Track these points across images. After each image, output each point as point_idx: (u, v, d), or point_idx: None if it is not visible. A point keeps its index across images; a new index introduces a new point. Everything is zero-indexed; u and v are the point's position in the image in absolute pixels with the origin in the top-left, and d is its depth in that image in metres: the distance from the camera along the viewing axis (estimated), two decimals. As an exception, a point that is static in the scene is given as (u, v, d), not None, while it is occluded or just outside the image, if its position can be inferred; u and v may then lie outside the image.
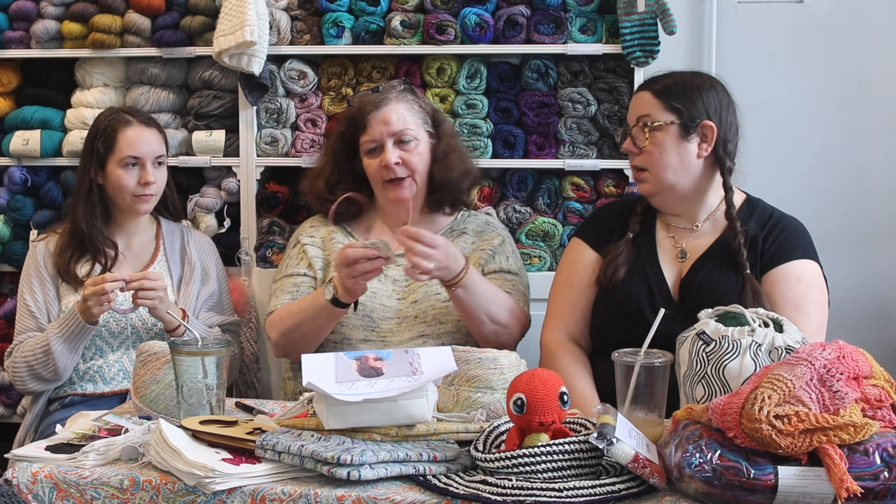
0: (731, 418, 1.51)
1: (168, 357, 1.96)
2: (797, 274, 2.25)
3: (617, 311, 2.30)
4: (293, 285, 2.55)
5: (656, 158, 2.28)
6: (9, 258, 3.31)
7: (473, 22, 3.08)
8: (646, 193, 2.36)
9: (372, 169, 2.52)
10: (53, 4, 3.26)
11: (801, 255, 2.28)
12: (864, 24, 3.23)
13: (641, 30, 3.03)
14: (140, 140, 2.69)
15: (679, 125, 2.27)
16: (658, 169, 2.29)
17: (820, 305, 2.26)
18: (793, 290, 2.23)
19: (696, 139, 2.28)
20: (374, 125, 2.50)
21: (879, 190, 3.26)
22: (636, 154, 2.32)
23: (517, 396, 1.61)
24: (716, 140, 2.28)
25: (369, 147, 2.52)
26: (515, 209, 3.15)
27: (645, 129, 2.28)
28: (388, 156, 2.48)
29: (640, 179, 2.34)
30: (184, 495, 1.64)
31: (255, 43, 3.02)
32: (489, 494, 1.54)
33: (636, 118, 2.31)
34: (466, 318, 2.40)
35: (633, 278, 2.32)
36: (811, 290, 2.25)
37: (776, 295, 2.22)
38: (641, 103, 2.32)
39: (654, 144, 2.28)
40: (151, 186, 2.69)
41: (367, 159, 2.53)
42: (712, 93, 2.31)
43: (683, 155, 2.28)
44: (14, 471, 1.71)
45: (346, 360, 1.79)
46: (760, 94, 3.21)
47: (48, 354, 2.57)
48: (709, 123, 2.28)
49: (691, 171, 2.30)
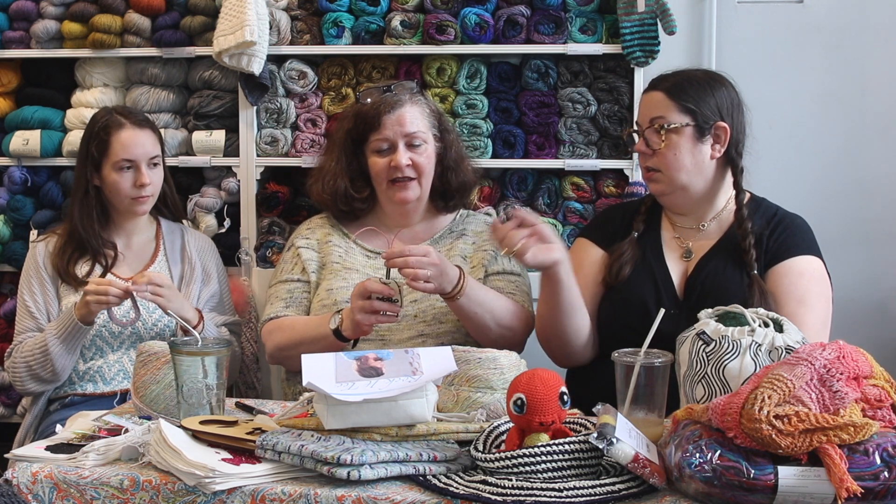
0: (731, 418, 1.51)
1: (168, 357, 1.96)
2: (800, 269, 2.25)
3: (622, 309, 2.30)
4: (287, 292, 2.55)
5: (671, 160, 2.27)
6: (9, 258, 3.32)
7: (473, 22, 3.08)
8: (657, 193, 2.35)
9: (379, 168, 2.52)
10: (53, 4, 3.26)
11: (804, 252, 2.28)
12: (864, 24, 3.22)
13: (641, 30, 3.03)
14: (133, 142, 2.68)
15: (694, 127, 2.26)
16: (672, 171, 2.28)
17: (823, 300, 2.26)
18: (795, 284, 2.23)
19: (709, 140, 2.28)
20: (388, 125, 2.50)
21: (879, 190, 3.26)
22: (649, 155, 2.30)
23: (517, 396, 1.61)
24: (728, 141, 2.28)
25: (380, 146, 2.52)
26: (515, 209, 3.15)
27: (661, 131, 2.26)
28: (400, 157, 2.48)
29: (651, 179, 2.33)
30: (184, 495, 1.64)
31: (255, 43, 3.02)
32: (489, 494, 1.54)
33: (649, 119, 2.29)
34: (473, 326, 2.39)
35: (639, 276, 2.32)
36: (814, 284, 2.25)
37: (779, 290, 2.22)
38: (654, 104, 2.30)
39: (669, 146, 2.26)
40: (147, 188, 2.69)
41: (376, 158, 2.53)
42: (724, 92, 2.31)
43: (697, 157, 2.28)
44: (14, 471, 1.70)
45: (346, 360, 1.79)
46: (760, 94, 3.20)
47: (46, 355, 2.57)
48: (722, 125, 2.27)
49: (704, 173, 2.30)
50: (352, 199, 2.58)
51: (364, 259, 2.57)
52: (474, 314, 2.35)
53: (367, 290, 2.24)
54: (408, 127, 2.50)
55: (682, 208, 2.36)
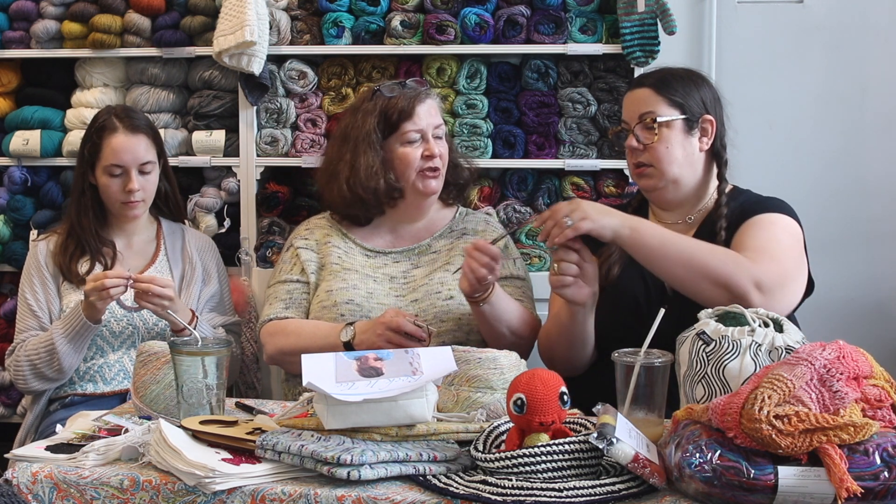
0: (731, 418, 1.51)
1: (168, 357, 1.96)
2: (769, 220, 2.23)
3: (616, 308, 2.31)
4: (287, 293, 2.55)
5: (663, 154, 2.29)
6: (9, 258, 3.32)
7: (473, 22, 3.08)
8: (649, 189, 2.36)
9: (412, 157, 2.51)
10: (53, 4, 3.26)
11: (771, 211, 2.26)
12: (864, 24, 3.22)
13: (641, 30, 3.03)
14: (123, 148, 2.67)
15: (683, 120, 2.29)
16: (665, 164, 2.29)
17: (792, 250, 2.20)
18: (761, 230, 2.20)
19: (697, 133, 2.31)
20: (421, 115, 2.51)
21: (879, 190, 3.26)
22: (640, 151, 2.31)
23: (517, 396, 1.61)
24: (714, 134, 2.32)
25: (412, 137, 2.51)
26: (515, 209, 3.15)
27: (654, 125, 2.28)
28: (434, 146, 2.51)
29: (643, 175, 2.33)
30: (184, 495, 1.64)
31: (255, 43, 3.02)
32: (489, 494, 1.54)
33: (638, 115, 2.31)
34: (488, 331, 2.39)
35: (629, 274, 2.33)
36: (781, 234, 2.21)
37: (744, 238, 2.19)
38: (642, 100, 2.32)
39: (661, 140, 2.28)
40: (136, 194, 2.68)
41: (406, 148, 2.51)
42: (705, 87, 2.35)
43: (688, 149, 2.30)
44: (14, 471, 1.71)
45: (346, 360, 1.79)
46: (760, 94, 3.21)
47: (52, 353, 2.56)
48: (708, 117, 2.31)
49: (694, 165, 2.32)
50: (391, 190, 2.52)
51: (364, 259, 2.57)
52: (493, 321, 2.35)
53: (400, 327, 2.24)
54: (435, 118, 2.54)
55: (671, 203, 2.37)
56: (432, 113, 2.54)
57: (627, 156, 2.38)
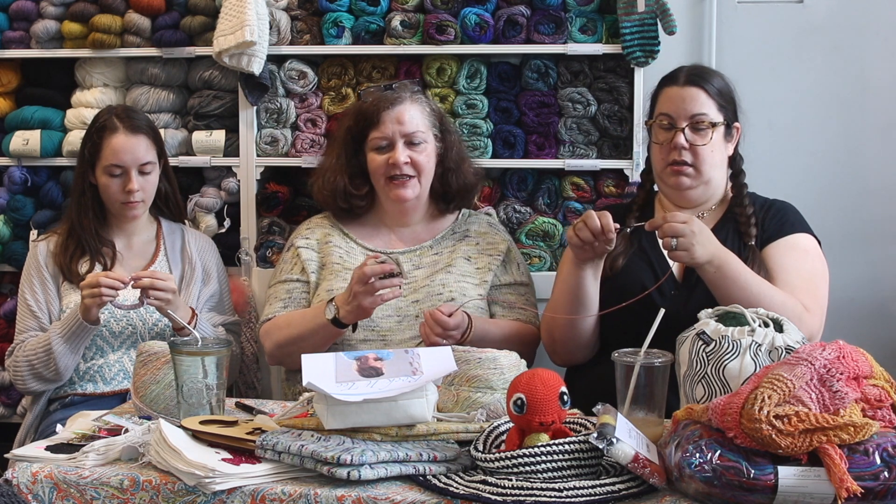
0: (731, 418, 1.51)
1: (168, 357, 1.96)
2: (804, 246, 2.33)
3: (622, 296, 2.29)
4: (286, 292, 2.56)
5: (708, 157, 2.35)
6: (9, 258, 3.31)
7: (473, 22, 3.08)
8: (681, 187, 2.38)
9: (376, 165, 2.53)
10: (53, 4, 3.26)
11: (801, 230, 2.36)
12: (864, 24, 3.22)
13: (641, 30, 3.03)
14: (122, 149, 2.67)
15: (724, 126, 2.36)
16: (707, 167, 2.35)
17: (825, 281, 2.33)
18: (801, 260, 2.29)
19: (729, 139, 2.40)
20: (387, 122, 2.52)
21: (879, 190, 3.26)
22: (685, 150, 2.34)
23: (517, 396, 1.61)
24: (738, 140, 2.42)
25: (378, 143, 2.53)
26: (515, 209, 3.15)
27: (711, 127, 2.33)
28: (398, 154, 2.50)
29: (682, 173, 2.36)
30: (184, 495, 1.64)
31: (255, 43, 3.02)
32: (489, 494, 1.54)
33: (690, 115, 2.34)
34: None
35: (635, 263, 2.36)
36: (818, 263, 2.32)
37: (785, 263, 2.27)
38: (696, 100, 2.35)
39: (709, 144, 2.34)
40: (136, 194, 2.68)
41: (374, 155, 2.54)
42: (736, 93, 2.43)
43: (724, 154, 2.40)
44: (14, 471, 1.71)
45: (346, 360, 1.79)
46: (760, 94, 3.20)
47: (49, 354, 2.56)
48: (737, 125, 2.41)
49: (724, 168, 2.42)
50: (350, 196, 2.59)
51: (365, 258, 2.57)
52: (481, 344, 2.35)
53: (365, 275, 2.24)
54: (406, 125, 2.51)
55: (692, 202, 2.41)
56: (403, 119, 2.52)
57: (659, 151, 2.39)
